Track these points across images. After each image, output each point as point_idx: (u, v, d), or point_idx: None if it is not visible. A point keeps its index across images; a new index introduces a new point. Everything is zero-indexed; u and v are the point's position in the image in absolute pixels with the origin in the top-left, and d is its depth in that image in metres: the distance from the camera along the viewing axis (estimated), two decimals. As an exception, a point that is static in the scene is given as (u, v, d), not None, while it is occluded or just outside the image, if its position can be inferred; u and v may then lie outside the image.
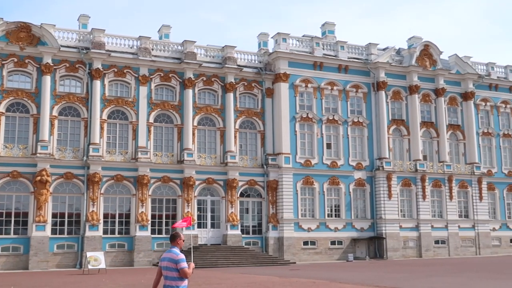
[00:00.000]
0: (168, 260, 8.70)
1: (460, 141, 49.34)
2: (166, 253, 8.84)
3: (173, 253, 8.73)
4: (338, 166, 44.12)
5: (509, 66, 53.26)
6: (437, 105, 48.48)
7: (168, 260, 8.70)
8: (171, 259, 8.68)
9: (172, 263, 8.64)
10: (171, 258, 8.68)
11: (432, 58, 48.71)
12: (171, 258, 8.68)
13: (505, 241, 49.50)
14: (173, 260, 8.64)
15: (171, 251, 8.78)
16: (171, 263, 8.64)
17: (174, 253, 8.72)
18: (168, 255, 8.75)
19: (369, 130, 45.76)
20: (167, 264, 8.69)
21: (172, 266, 8.62)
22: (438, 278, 23.70)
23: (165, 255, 8.84)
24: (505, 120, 52.16)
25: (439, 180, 46.64)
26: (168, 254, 8.78)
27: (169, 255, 8.75)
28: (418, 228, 45.17)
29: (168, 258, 8.72)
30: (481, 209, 48.05)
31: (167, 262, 8.71)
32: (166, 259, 8.74)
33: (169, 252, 8.80)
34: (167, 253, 8.83)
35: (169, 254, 8.76)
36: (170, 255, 8.73)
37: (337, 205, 43.92)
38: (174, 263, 8.62)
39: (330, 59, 45.31)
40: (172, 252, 8.75)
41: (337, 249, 42.98)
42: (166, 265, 8.71)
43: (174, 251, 8.78)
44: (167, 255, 8.78)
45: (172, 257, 8.67)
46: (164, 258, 8.81)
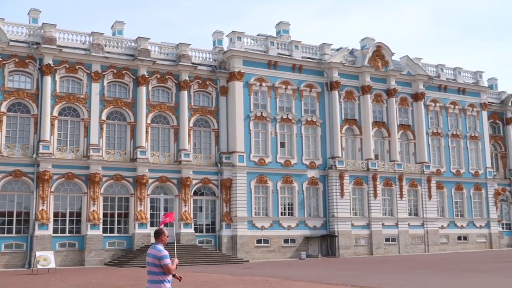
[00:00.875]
0: (152, 257, 8.83)
1: (410, 141, 50.40)
2: (150, 249, 8.96)
3: (157, 250, 8.84)
4: (291, 164, 44.45)
5: (458, 68, 54.71)
6: (389, 105, 49.38)
7: (152, 257, 8.83)
8: (154, 255, 8.80)
9: (155, 259, 8.77)
10: (154, 255, 8.80)
11: (384, 59, 49.58)
12: (155, 255, 8.80)
13: (452, 239, 50.83)
14: (156, 257, 8.77)
15: (155, 248, 8.89)
16: (155, 259, 8.78)
17: (158, 250, 8.83)
18: (152, 252, 8.87)
19: (323, 129, 46.25)
20: (151, 260, 8.83)
21: (155, 262, 8.77)
22: (387, 275, 24.17)
23: (150, 251, 8.95)
24: (454, 120, 53.54)
25: (390, 179, 47.54)
26: (152, 250, 8.89)
27: (153, 251, 8.87)
28: (370, 226, 45.94)
29: (152, 254, 8.84)
30: (430, 208, 49.21)
31: (151, 258, 8.84)
32: (150, 255, 8.87)
33: (153, 249, 8.92)
34: (151, 249, 8.94)
35: (153, 251, 8.88)
36: (154, 252, 8.85)
37: (291, 204, 44.24)
38: (158, 259, 8.75)
39: (285, 58, 45.59)
40: (156, 249, 8.86)
41: (290, 247, 43.31)
42: (150, 261, 8.85)
43: (158, 247, 8.89)
44: (151, 251, 8.90)
45: (156, 254, 8.79)
46: (149, 254, 8.93)
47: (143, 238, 38.20)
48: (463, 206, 52.27)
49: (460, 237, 51.38)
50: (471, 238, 51.83)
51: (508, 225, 55.96)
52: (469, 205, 52.44)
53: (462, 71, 55.07)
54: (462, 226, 51.63)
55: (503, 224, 55.48)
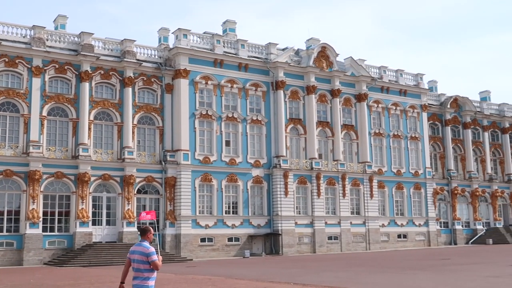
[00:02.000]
0: (139, 253, 8.98)
1: (353, 141, 51.29)
2: (136, 246, 9.12)
3: (144, 247, 9.01)
4: (236, 163, 44.51)
5: (400, 70, 56.02)
6: (333, 106, 50.10)
7: (139, 253, 8.98)
8: (142, 252, 8.96)
9: (143, 256, 8.93)
10: (142, 252, 8.97)
11: (329, 59, 50.26)
12: (142, 252, 8.96)
13: (393, 237, 52.04)
14: (144, 253, 8.93)
15: (141, 245, 9.06)
16: (142, 256, 8.93)
17: (145, 247, 9.00)
18: (139, 248, 9.03)
19: (268, 128, 46.51)
20: (138, 257, 8.97)
21: (143, 259, 8.92)
22: (329, 273, 24.53)
23: (135, 248, 9.11)
24: (395, 121, 54.80)
25: (333, 178, 48.25)
26: (139, 247, 9.05)
27: (139, 248, 9.03)
28: (313, 225, 46.51)
29: (139, 251, 9.00)
30: (372, 206, 50.24)
31: (137, 255, 8.99)
32: (137, 252, 9.02)
33: (139, 246, 9.08)
34: (137, 246, 9.10)
35: (139, 248, 9.03)
36: (140, 249, 9.01)
37: (235, 202, 44.30)
38: (145, 256, 8.91)
39: (231, 57, 45.60)
40: (143, 246, 9.03)
41: (234, 246, 43.37)
42: (136, 258, 8.99)
43: (144, 244, 9.06)
44: (137, 248, 9.05)
45: (143, 251, 8.96)
46: (134, 251, 9.08)
47: (84, 237, 37.47)
48: (403, 205, 53.59)
49: (400, 235, 52.66)
50: (411, 236, 53.20)
51: (445, 224, 57.73)
52: (409, 204, 53.81)
53: (404, 73, 56.44)
54: (402, 225, 52.92)
55: (441, 222, 57.20)
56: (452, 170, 58.60)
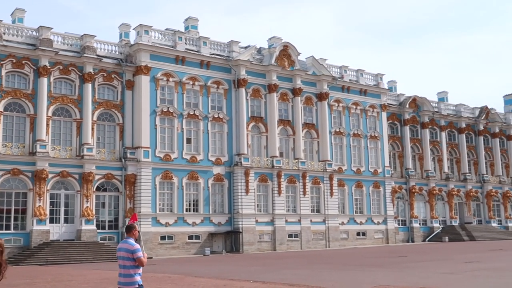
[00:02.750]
0: (124, 250, 9.17)
1: (314, 139, 51.70)
2: (122, 244, 9.31)
3: (129, 244, 9.20)
4: (197, 161, 44.37)
5: (360, 70, 56.70)
6: (294, 104, 50.40)
7: (124, 250, 9.17)
8: (127, 249, 9.14)
9: (128, 253, 9.11)
10: (127, 249, 9.15)
11: (291, 58, 50.53)
12: (127, 249, 9.14)
13: (352, 235, 52.68)
14: (129, 250, 9.12)
15: (127, 242, 9.25)
16: (127, 253, 9.12)
17: (130, 244, 9.19)
18: (124, 246, 9.21)
19: (229, 126, 46.49)
20: (124, 254, 9.16)
21: (128, 255, 9.11)
22: (289, 271, 24.70)
23: (121, 245, 9.30)
24: (355, 120, 55.47)
25: (294, 176, 48.55)
26: (124, 244, 9.24)
27: (125, 245, 9.21)
28: (273, 223, 46.70)
29: (124, 248, 9.18)
30: (332, 204, 50.73)
31: (123, 252, 9.17)
32: (122, 249, 9.22)
33: (124, 243, 9.26)
34: (123, 243, 9.28)
35: (125, 245, 9.22)
36: (126, 246, 9.19)
37: (196, 200, 44.17)
38: (131, 253, 9.10)
39: (193, 54, 45.40)
40: (128, 243, 9.22)
41: (195, 244, 43.24)
42: (122, 254, 9.18)
43: (129, 241, 9.25)
44: (123, 246, 9.24)
45: (128, 248, 9.14)
46: (120, 248, 9.28)
47: (41, 235, 36.80)
48: (363, 203, 54.30)
49: (359, 233, 53.34)
50: (369, 234, 53.95)
51: (403, 222, 58.71)
52: (368, 202, 54.54)
53: (364, 73, 57.16)
54: (361, 223, 53.61)
55: (399, 220, 58.15)
56: (410, 169, 59.64)
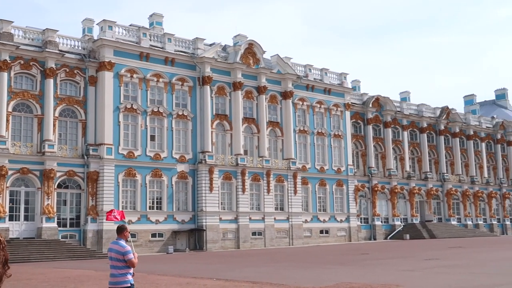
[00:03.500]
0: (115, 252, 9.20)
1: (278, 138, 51.90)
2: (113, 244, 9.33)
3: (120, 245, 9.21)
4: (161, 158, 44.10)
5: (325, 69, 57.14)
6: (259, 102, 50.49)
7: (115, 252, 9.20)
8: (117, 251, 9.17)
9: (119, 254, 9.14)
10: (118, 250, 9.17)
11: (256, 56, 50.60)
12: (118, 250, 9.17)
13: (315, 232, 53.10)
14: (120, 252, 9.14)
15: (118, 243, 9.26)
16: (118, 255, 9.15)
17: (121, 245, 9.21)
18: (115, 247, 9.24)
19: (193, 123, 46.32)
20: (114, 255, 9.20)
21: (119, 257, 9.14)
22: (252, 268, 24.76)
23: (112, 246, 9.33)
24: (319, 119, 55.89)
25: (258, 174, 48.66)
26: (115, 246, 9.26)
27: (115, 246, 9.23)
28: (237, 220, 46.74)
29: (115, 249, 9.21)
30: (295, 202, 51.02)
31: (114, 253, 9.21)
32: (113, 250, 9.24)
33: (115, 244, 9.28)
34: (114, 244, 9.31)
35: (116, 246, 9.24)
36: (117, 247, 9.21)
37: (159, 198, 43.90)
38: (121, 254, 9.13)
39: (157, 50, 45.07)
40: (119, 244, 9.23)
41: (158, 242, 42.97)
42: (113, 255, 9.22)
43: (120, 243, 9.26)
44: (114, 247, 9.28)
45: (119, 249, 9.17)
46: (111, 249, 9.31)
47: (1, 232, 36.00)
48: (326, 201, 54.78)
49: (322, 230, 53.79)
50: (332, 231, 54.45)
51: (366, 219, 59.44)
52: (331, 200, 55.05)
53: (329, 72, 57.63)
54: (324, 220, 54.07)
55: (361, 218, 58.86)
56: (373, 168, 60.41)
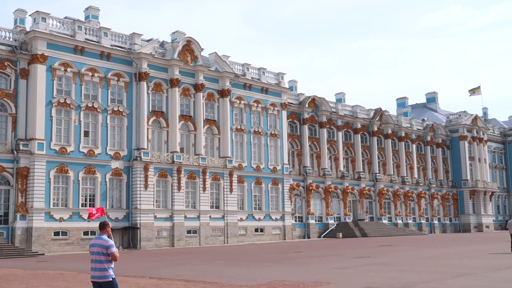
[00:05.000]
0: (98, 246, 9.47)
1: (215, 136, 51.84)
2: (96, 240, 9.60)
3: (103, 240, 9.52)
4: (95, 154, 43.23)
5: (262, 68, 57.50)
6: (196, 100, 50.27)
7: (98, 246, 9.47)
8: (101, 245, 9.46)
9: (102, 248, 9.42)
10: (102, 244, 9.46)
11: (194, 54, 50.34)
12: (102, 244, 9.46)
13: (250, 231, 53.37)
14: (104, 246, 9.43)
15: (101, 238, 9.55)
16: (102, 249, 9.43)
17: (104, 240, 9.52)
18: (98, 242, 9.52)
19: (129, 120, 45.65)
20: (97, 249, 9.46)
21: (102, 251, 9.42)
22: (186, 267, 24.65)
23: (95, 241, 9.59)
24: (256, 118, 56.20)
25: (194, 172, 48.44)
26: (98, 240, 9.54)
27: (99, 241, 9.52)
28: (172, 218, 46.38)
29: (99, 244, 9.49)
30: (231, 201, 51.11)
31: (97, 247, 9.47)
32: (96, 245, 9.52)
33: (99, 239, 9.56)
34: (97, 239, 9.58)
35: (99, 241, 9.53)
36: (100, 242, 9.50)
37: (92, 195, 43.04)
38: (105, 248, 9.42)
39: (93, 44, 44.14)
40: (102, 239, 9.53)
41: (90, 240, 42.01)
42: (96, 250, 9.48)
43: (103, 238, 9.57)
44: (97, 242, 9.55)
45: (103, 243, 9.46)
46: (95, 244, 9.56)
47: None
48: (261, 199, 55.15)
49: (257, 229, 54.12)
50: (267, 230, 54.86)
51: (300, 218, 60.22)
52: (267, 199, 55.47)
53: (266, 72, 58.02)
54: (259, 219, 54.42)
55: (296, 217, 59.59)
56: (308, 167, 61.27)
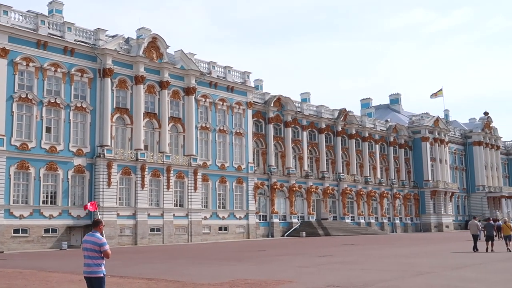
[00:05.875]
0: (91, 243, 9.74)
1: (180, 134, 51.61)
2: (89, 237, 9.85)
3: (96, 237, 9.77)
4: (57, 151, 42.60)
5: (228, 67, 57.47)
6: (161, 97, 49.97)
7: (91, 243, 9.74)
8: (94, 242, 9.72)
9: (95, 245, 9.70)
10: (95, 242, 9.72)
11: (159, 51, 50.02)
12: (95, 242, 9.72)
13: (214, 229, 53.30)
14: (97, 243, 9.70)
15: (94, 235, 9.80)
16: (95, 246, 9.70)
17: (97, 237, 9.77)
18: (92, 239, 9.77)
19: (93, 116, 45.12)
20: (91, 246, 9.73)
21: (95, 248, 9.69)
22: (148, 265, 24.49)
23: (88, 238, 9.84)
24: (222, 116, 56.15)
25: (158, 170, 48.15)
26: (91, 237, 9.79)
27: (92, 238, 9.77)
28: (135, 216, 46.02)
29: (92, 241, 9.75)
30: (195, 199, 50.96)
31: (90, 244, 9.74)
32: (90, 242, 9.78)
33: (92, 236, 9.81)
34: (90, 236, 9.82)
35: (92, 238, 9.78)
36: (93, 239, 9.75)
37: (54, 192, 42.41)
38: (98, 246, 9.69)
39: (56, 39, 43.48)
40: (96, 236, 9.78)
41: (51, 237, 41.49)
42: (89, 247, 9.74)
43: (96, 235, 9.81)
44: (90, 238, 9.80)
45: (96, 241, 9.72)
46: (88, 241, 9.81)
47: None
48: (226, 198, 55.13)
49: (221, 227, 54.09)
50: (231, 228, 54.88)
51: (264, 217, 60.40)
52: (231, 197, 55.47)
53: (232, 70, 58.01)
54: (223, 217, 54.41)
55: (260, 215, 59.75)
56: (273, 166, 61.49)
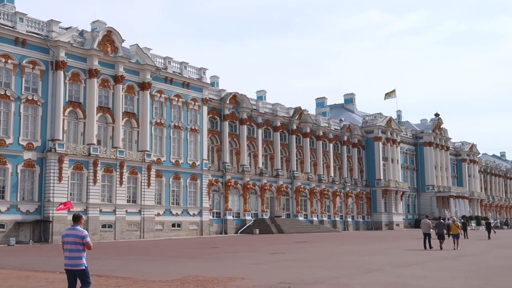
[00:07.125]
0: (74, 236, 10.30)
1: (134, 129, 51.05)
2: (70, 230, 10.41)
3: (78, 230, 10.36)
4: (6, 145, 41.58)
5: (184, 62, 57.14)
6: (115, 92, 49.32)
7: (74, 236, 10.30)
8: (76, 235, 10.29)
9: (78, 238, 10.27)
10: (77, 234, 10.30)
11: (114, 44, 49.34)
12: (77, 235, 10.29)
13: (167, 226, 52.97)
14: (79, 236, 10.28)
15: (76, 229, 10.38)
16: (77, 239, 10.26)
17: (79, 230, 10.37)
18: (73, 232, 10.35)
19: (44, 109, 44.20)
20: (72, 239, 10.28)
21: (78, 241, 10.26)
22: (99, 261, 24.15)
23: (69, 232, 10.40)
24: (177, 112, 55.80)
25: (111, 165, 47.53)
26: (73, 231, 10.37)
27: (74, 232, 10.35)
28: (87, 212, 45.30)
29: (73, 234, 10.32)
30: (148, 195, 50.52)
31: (72, 237, 10.29)
32: (72, 235, 10.33)
33: (73, 230, 10.37)
34: (72, 230, 10.38)
35: (74, 231, 10.35)
36: (75, 232, 10.34)
37: (2, 187, 41.39)
38: (80, 238, 10.27)
39: (7, 30, 42.40)
40: (77, 229, 10.37)
41: (-1, 233, 40.49)
42: (71, 240, 10.28)
43: (78, 228, 10.41)
44: (71, 232, 10.36)
45: (78, 234, 10.31)
46: (69, 234, 10.36)
47: None
48: (180, 195, 54.85)
49: (174, 224, 53.81)
50: (185, 225, 54.65)
51: (218, 214, 60.35)
52: (185, 194, 55.22)
53: (188, 66, 57.71)
54: (177, 214, 54.11)
55: (214, 212, 59.66)
56: (227, 163, 61.47)
